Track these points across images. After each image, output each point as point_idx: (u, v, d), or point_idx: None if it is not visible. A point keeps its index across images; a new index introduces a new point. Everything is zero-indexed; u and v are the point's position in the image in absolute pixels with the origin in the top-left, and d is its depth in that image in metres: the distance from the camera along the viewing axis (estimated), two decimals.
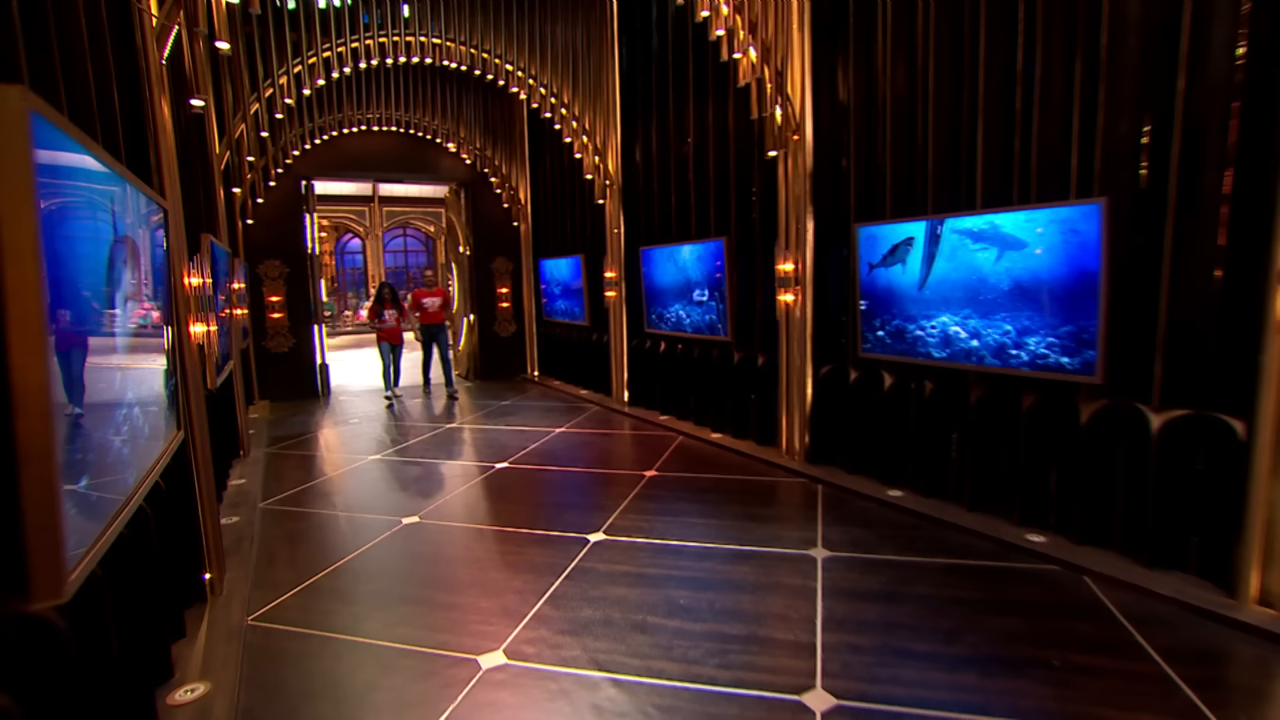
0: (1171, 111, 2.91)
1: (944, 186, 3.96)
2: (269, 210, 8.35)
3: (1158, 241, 3.00)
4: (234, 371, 5.63)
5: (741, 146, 5.51)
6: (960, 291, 3.77)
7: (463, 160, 9.37)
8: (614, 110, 7.10)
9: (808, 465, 4.96)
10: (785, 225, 4.96)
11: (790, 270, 4.90)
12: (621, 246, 7.23)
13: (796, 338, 4.96)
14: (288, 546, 3.86)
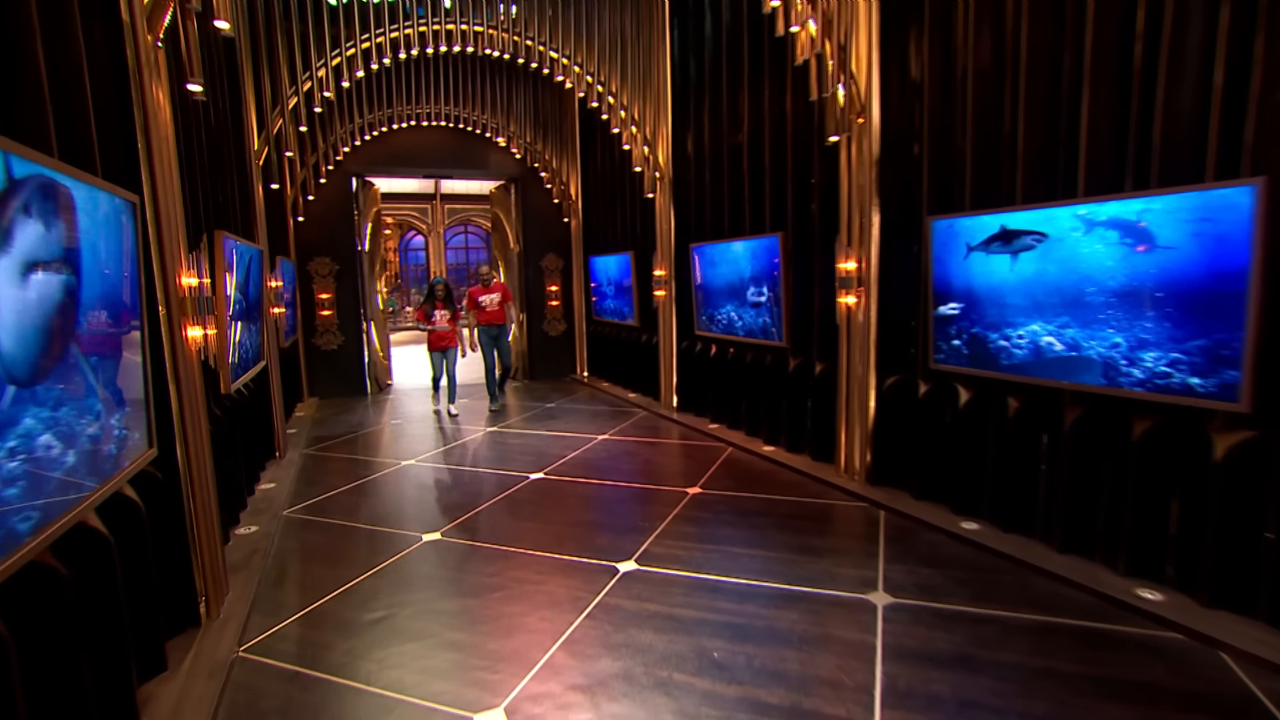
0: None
1: (1036, 172, 3.37)
2: (319, 207, 8.34)
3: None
4: (270, 372, 5.53)
5: (800, 133, 5.01)
6: (1055, 296, 3.19)
7: (512, 155, 9.14)
8: (665, 98, 6.68)
9: (869, 487, 4.43)
10: (847, 219, 4.44)
11: (852, 269, 4.38)
12: (671, 243, 6.81)
13: (859, 344, 4.43)
14: (300, 562, 3.64)
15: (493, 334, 7.56)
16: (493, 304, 7.49)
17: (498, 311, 7.52)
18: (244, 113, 5.18)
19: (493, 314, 7.49)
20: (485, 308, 7.48)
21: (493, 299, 7.48)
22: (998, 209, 3.47)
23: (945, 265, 3.76)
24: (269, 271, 5.55)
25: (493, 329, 7.54)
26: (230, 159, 4.59)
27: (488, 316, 7.49)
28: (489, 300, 7.48)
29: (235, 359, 3.95)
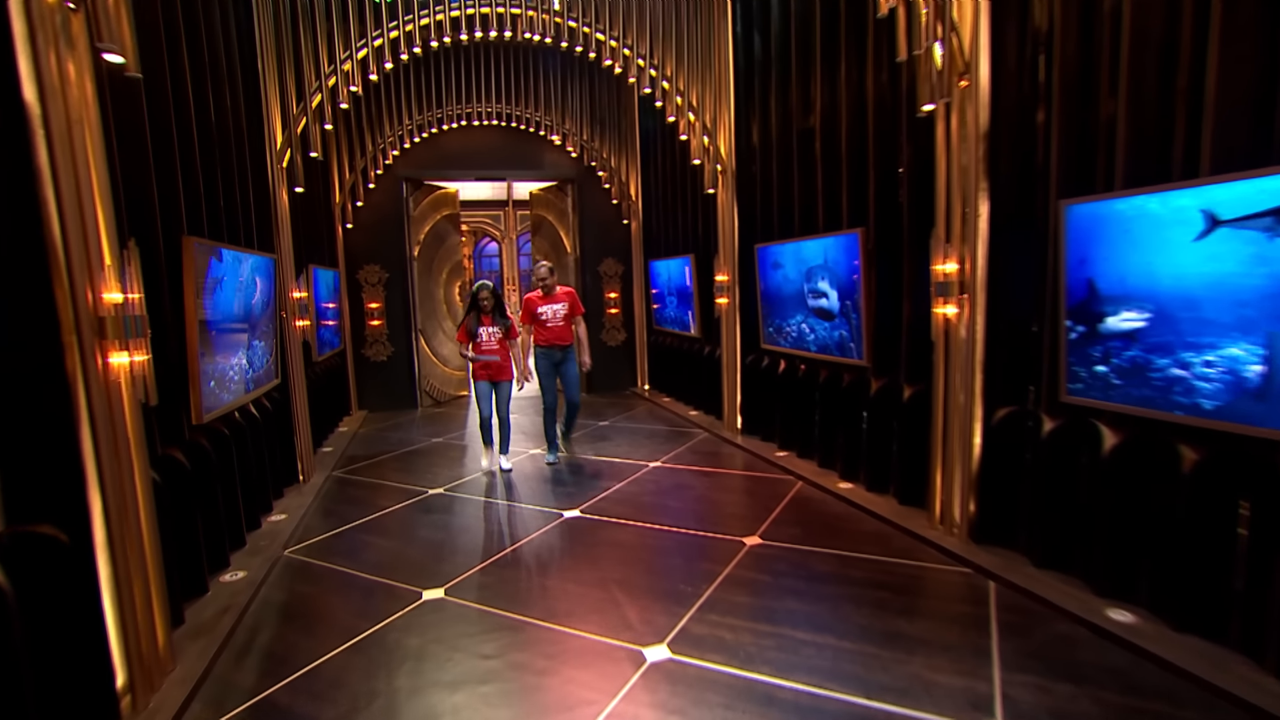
0: None
1: (1230, 132, 2.41)
2: (368, 213, 8.05)
3: None
4: (293, 389, 5.13)
5: (884, 108, 4.13)
6: (1272, 304, 2.22)
7: (569, 153, 8.58)
8: (726, 81, 5.90)
9: (972, 546, 3.51)
10: (945, 209, 3.54)
11: (952, 272, 3.47)
12: (735, 244, 6.02)
13: (960, 365, 3.52)
14: (277, 625, 3.10)
15: (555, 359, 5.52)
16: (556, 317, 5.46)
17: (563, 328, 5.48)
18: (263, 110, 4.80)
19: (556, 331, 5.46)
20: (546, 323, 5.46)
21: (556, 311, 5.46)
22: (1165, 185, 2.51)
23: (1092, 264, 2.81)
24: (293, 281, 5.15)
25: (555, 352, 5.50)
26: (233, 157, 4.18)
27: (549, 335, 5.45)
28: (551, 312, 5.45)
29: (221, 381, 3.48)
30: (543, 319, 5.47)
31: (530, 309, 5.49)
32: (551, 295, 5.50)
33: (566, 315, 5.50)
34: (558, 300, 5.50)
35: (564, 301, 5.51)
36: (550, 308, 5.48)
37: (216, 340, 3.45)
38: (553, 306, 5.48)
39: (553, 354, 5.53)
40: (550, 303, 5.48)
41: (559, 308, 5.49)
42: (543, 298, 5.50)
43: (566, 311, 5.50)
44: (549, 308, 5.48)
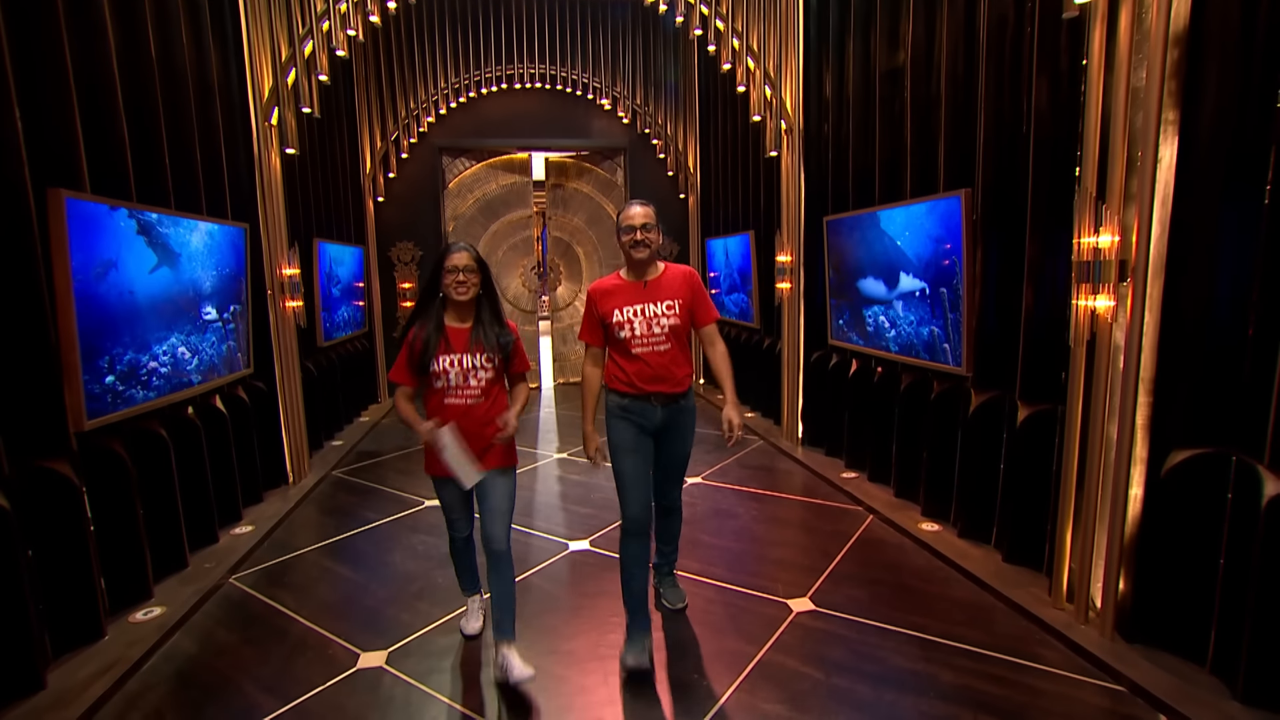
0: None
1: None
2: (402, 186, 7.44)
3: None
4: (283, 380, 4.51)
5: (1002, 23, 3.02)
6: None
7: (620, 120, 7.68)
8: (794, 20, 4.84)
9: (1122, 647, 2.43)
10: (1099, 156, 2.44)
11: (1109, 248, 2.37)
12: (801, 218, 4.98)
13: (1108, 380, 2.43)
14: (159, 699, 2.38)
15: (652, 420, 2.57)
16: (659, 333, 2.52)
17: (673, 355, 2.55)
18: (245, 56, 4.15)
19: (659, 363, 2.53)
20: (636, 344, 2.52)
21: (660, 318, 2.52)
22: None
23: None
24: (283, 255, 4.51)
25: (652, 407, 2.55)
26: (192, 110, 3.52)
27: (645, 370, 2.53)
28: (646, 323, 2.52)
29: (125, 377, 2.81)
30: (627, 337, 2.49)
31: (599, 314, 2.54)
32: (649, 281, 2.53)
33: (681, 327, 2.53)
34: (663, 293, 2.52)
35: (676, 297, 2.52)
36: (645, 310, 2.50)
37: (118, 325, 2.78)
38: (652, 307, 2.50)
39: (647, 410, 2.52)
40: (647, 299, 2.51)
41: (666, 310, 2.50)
42: (628, 287, 2.53)
43: (680, 319, 2.52)
44: (642, 311, 2.49)
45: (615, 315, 2.48)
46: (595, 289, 2.57)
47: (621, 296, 2.51)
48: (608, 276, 2.60)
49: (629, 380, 2.50)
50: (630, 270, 2.55)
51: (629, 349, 2.48)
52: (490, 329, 2.39)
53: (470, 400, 2.35)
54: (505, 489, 2.43)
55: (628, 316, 2.48)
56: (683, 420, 2.60)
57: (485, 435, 2.35)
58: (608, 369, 2.59)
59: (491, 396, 2.40)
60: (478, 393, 2.36)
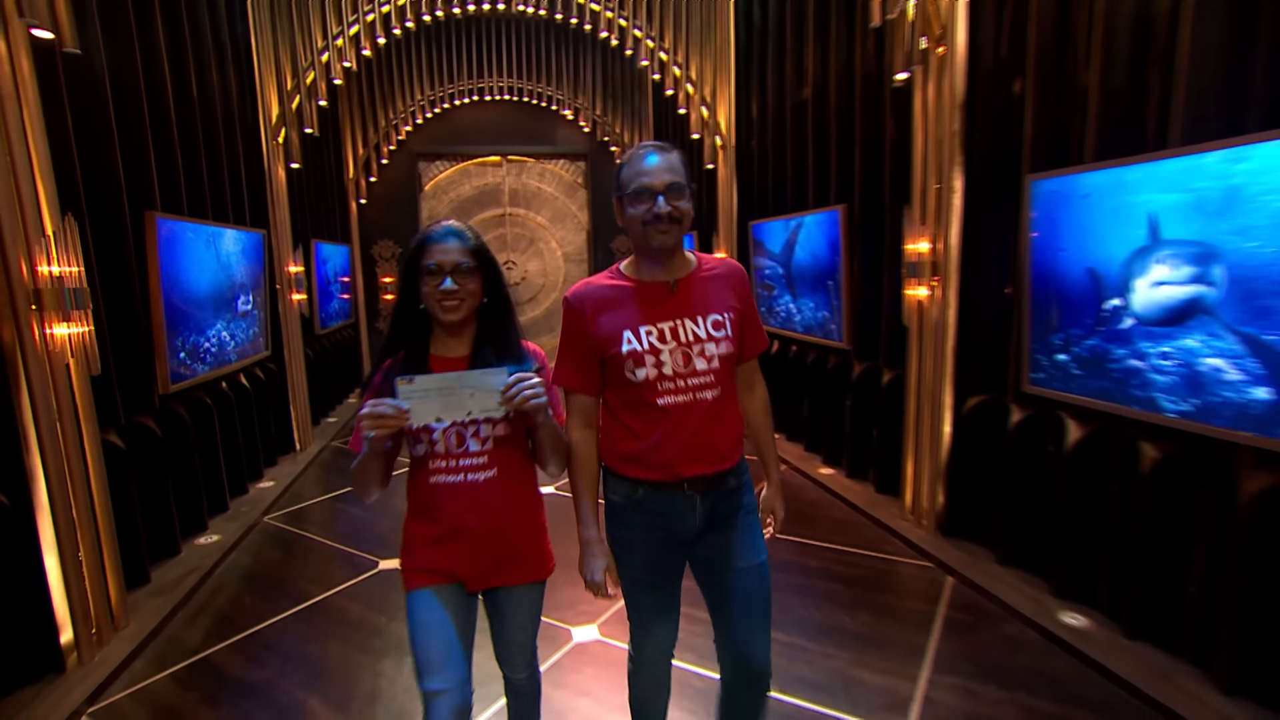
0: None
1: (1205, 98, 2.19)
2: (382, 189, 8.15)
3: None
4: (289, 362, 5.27)
5: (869, 78, 3.93)
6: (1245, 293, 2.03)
7: (581, 129, 8.49)
8: (727, 53, 5.71)
9: (940, 540, 3.39)
10: (921, 185, 3.37)
11: (924, 252, 3.31)
12: (733, 221, 5.88)
13: (932, 351, 3.37)
14: (235, 589, 3.19)
15: (692, 527, 1.48)
16: (707, 370, 1.42)
17: (724, 406, 1.46)
18: (257, 87, 4.88)
19: (705, 418, 1.43)
20: (670, 392, 1.41)
21: (709, 350, 1.41)
22: (1134, 158, 2.31)
23: (1053, 246, 2.63)
24: (289, 255, 5.27)
25: (693, 504, 1.46)
26: (220, 134, 4.25)
27: (680, 437, 1.42)
28: (683, 352, 1.41)
29: (195, 353, 3.59)
30: (649, 378, 1.42)
31: (594, 339, 1.45)
32: (679, 282, 1.45)
33: (733, 356, 1.47)
34: (705, 301, 1.45)
35: (727, 307, 1.46)
36: (678, 331, 1.43)
37: (188, 313, 3.55)
38: (690, 326, 1.43)
39: (677, 508, 1.46)
40: (679, 311, 1.44)
41: (713, 330, 1.44)
42: (643, 291, 1.45)
43: (733, 345, 1.46)
44: (674, 332, 1.43)
45: (627, 341, 1.39)
46: (581, 296, 1.45)
47: (633, 308, 1.41)
48: (598, 275, 1.50)
49: (647, 457, 1.41)
50: (644, 265, 1.44)
51: (651, 399, 1.39)
52: (499, 354, 1.43)
53: (472, 475, 1.41)
54: (532, 610, 1.55)
55: (649, 343, 1.39)
56: (739, 515, 1.50)
57: (503, 533, 1.45)
58: (608, 442, 1.49)
59: (509, 469, 1.45)
60: (483, 462, 1.41)
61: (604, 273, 1.53)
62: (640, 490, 1.46)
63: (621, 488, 1.49)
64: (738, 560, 1.51)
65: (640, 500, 1.46)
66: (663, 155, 1.39)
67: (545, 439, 1.46)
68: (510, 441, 1.46)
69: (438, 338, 1.48)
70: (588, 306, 1.45)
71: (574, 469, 1.52)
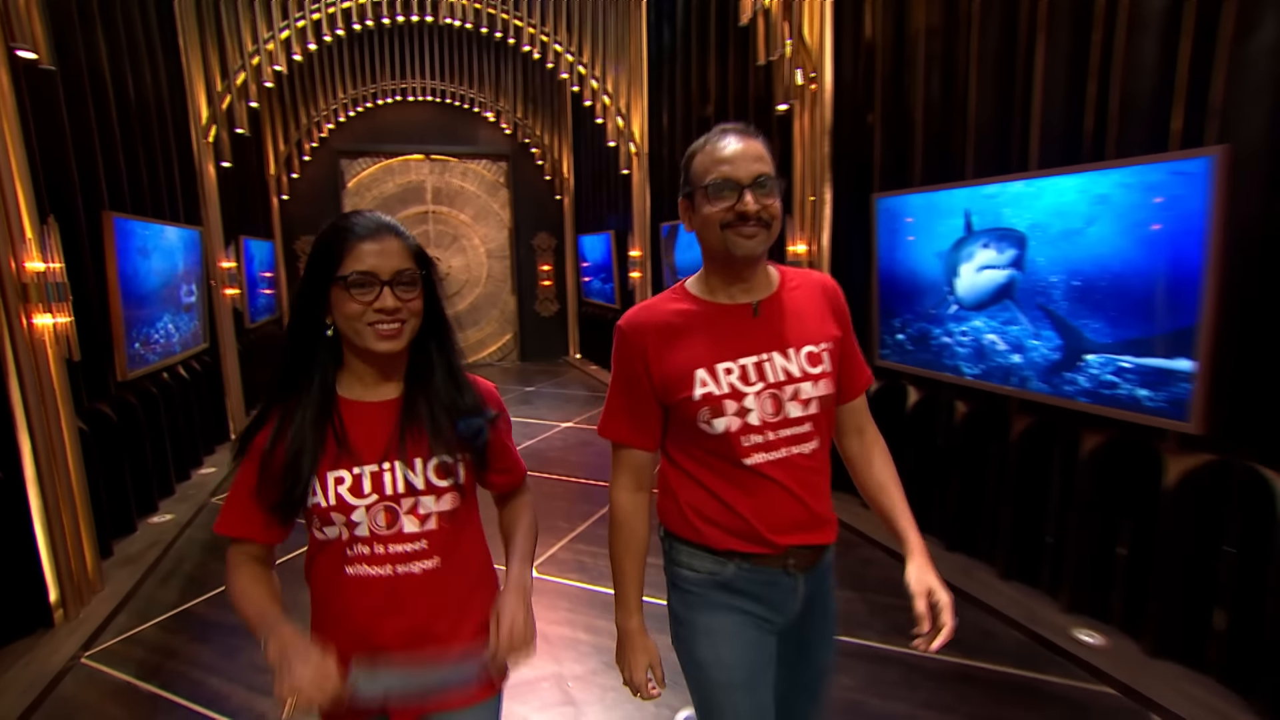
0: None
1: (989, 143, 2.93)
2: (305, 185, 8.25)
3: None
4: (223, 353, 5.44)
5: (759, 102, 4.59)
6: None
7: (503, 131, 8.86)
8: (640, 68, 6.29)
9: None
10: (800, 198, 4.04)
11: (802, 253, 3.99)
12: (647, 222, 6.47)
13: None
14: (200, 557, 3.50)
15: (793, 609, 1.20)
16: (804, 417, 1.13)
17: (823, 461, 1.18)
18: (185, 88, 5.03)
19: (805, 475, 1.15)
20: (760, 447, 1.12)
21: (806, 392, 1.13)
22: (944, 185, 3.04)
23: (891, 252, 3.35)
24: (222, 251, 5.44)
25: (795, 583, 1.18)
26: (155, 135, 4.43)
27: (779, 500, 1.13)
28: (781, 405, 1.12)
29: (146, 343, 3.82)
30: (732, 430, 1.11)
31: (660, 380, 1.14)
32: (762, 304, 1.16)
33: (833, 398, 1.18)
34: (798, 328, 1.16)
35: (824, 337, 1.17)
36: (765, 368, 1.13)
37: (140, 306, 3.77)
38: (780, 361, 1.13)
39: (779, 587, 1.17)
40: (766, 342, 1.14)
41: (808, 364, 1.14)
42: (719, 315, 1.16)
43: (833, 383, 1.17)
44: (760, 370, 1.13)
45: (700, 383, 1.11)
46: (639, 326, 1.16)
47: (707, 339, 1.13)
48: (658, 297, 1.22)
49: (739, 526, 1.14)
50: (717, 281, 1.17)
51: (734, 456, 1.12)
52: (444, 395, 1.08)
53: (405, 567, 1.05)
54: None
55: (730, 385, 1.11)
56: (827, 598, 1.27)
57: (440, 643, 1.07)
58: (680, 500, 1.19)
59: (455, 555, 1.10)
60: (421, 547, 1.06)
61: (665, 293, 1.21)
62: (731, 565, 1.14)
63: (702, 561, 1.15)
64: (818, 655, 1.25)
65: (730, 578, 1.14)
66: (746, 140, 1.10)
67: (513, 528, 1.21)
68: (459, 516, 1.08)
69: (352, 374, 1.05)
70: (648, 339, 1.13)
71: (618, 540, 1.20)
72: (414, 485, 1.04)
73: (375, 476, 1.03)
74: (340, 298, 0.98)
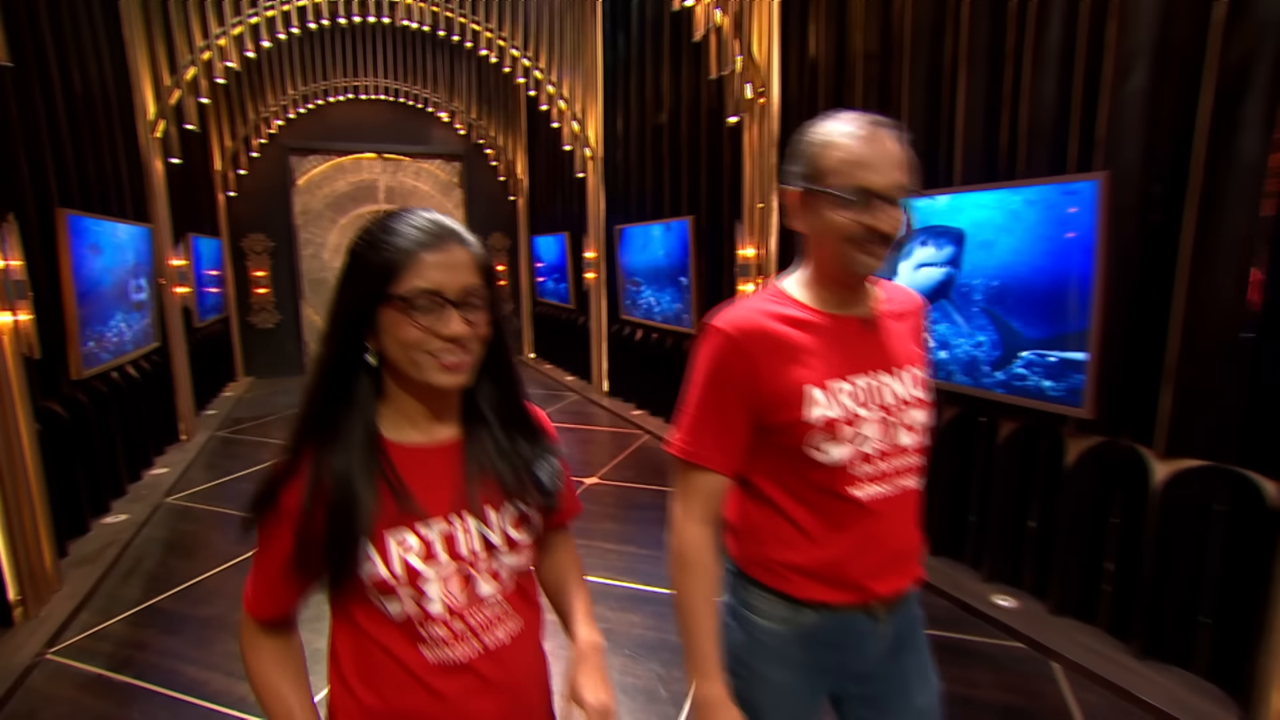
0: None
1: (921, 160, 3.22)
2: (253, 183, 8.10)
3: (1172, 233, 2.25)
4: (172, 352, 5.36)
5: (712, 113, 4.84)
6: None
7: (456, 131, 8.89)
8: (595, 74, 6.46)
9: None
10: (750, 204, 4.30)
11: (751, 256, 4.25)
12: (602, 225, 6.64)
13: None
14: (160, 555, 3.51)
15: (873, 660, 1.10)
16: (912, 446, 1.06)
17: (918, 495, 1.10)
18: (130, 83, 4.95)
19: (904, 510, 1.07)
20: (870, 477, 1.02)
21: (913, 417, 1.06)
22: None
23: None
24: (171, 249, 5.36)
25: (880, 630, 1.08)
26: (103, 131, 4.37)
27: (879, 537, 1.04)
28: (891, 431, 1.03)
29: (100, 341, 3.79)
30: (845, 459, 1.01)
31: (769, 396, 1.00)
32: (869, 320, 1.07)
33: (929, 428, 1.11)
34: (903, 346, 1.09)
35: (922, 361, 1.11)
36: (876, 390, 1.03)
37: (93, 304, 3.74)
38: (889, 382, 1.05)
39: (860, 638, 1.08)
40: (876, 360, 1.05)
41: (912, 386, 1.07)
42: (830, 326, 1.04)
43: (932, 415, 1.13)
44: (872, 393, 1.03)
45: (815, 402, 0.99)
46: (749, 331, 1.00)
47: (823, 354, 1.02)
48: (756, 298, 1.09)
49: (830, 571, 1.04)
50: (827, 289, 1.05)
51: (841, 489, 1.02)
52: (512, 433, 0.93)
53: (490, 636, 0.88)
54: None
55: (846, 405, 1.00)
56: (918, 633, 1.16)
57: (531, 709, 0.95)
58: (761, 537, 1.07)
59: (529, 605, 0.96)
60: (504, 610, 0.90)
61: (761, 295, 1.08)
62: (813, 615, 1.04)
63: (777, 609, 1.05)
64: (917, 695, 1.13)
65: (811, 630, 1.05)
66: (894, 143, 0.96)
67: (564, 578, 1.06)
68: (526, 575, 0.96)
69: (398, 412, 0.87)
70: (760, 347, 0.99)
71: (691, 583, 1.03)
72: (491, 542, 0.87)
73: (447, 537, 0.84)
74: (394, 321, 0.79)
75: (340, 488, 0.80)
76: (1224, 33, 2.02)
